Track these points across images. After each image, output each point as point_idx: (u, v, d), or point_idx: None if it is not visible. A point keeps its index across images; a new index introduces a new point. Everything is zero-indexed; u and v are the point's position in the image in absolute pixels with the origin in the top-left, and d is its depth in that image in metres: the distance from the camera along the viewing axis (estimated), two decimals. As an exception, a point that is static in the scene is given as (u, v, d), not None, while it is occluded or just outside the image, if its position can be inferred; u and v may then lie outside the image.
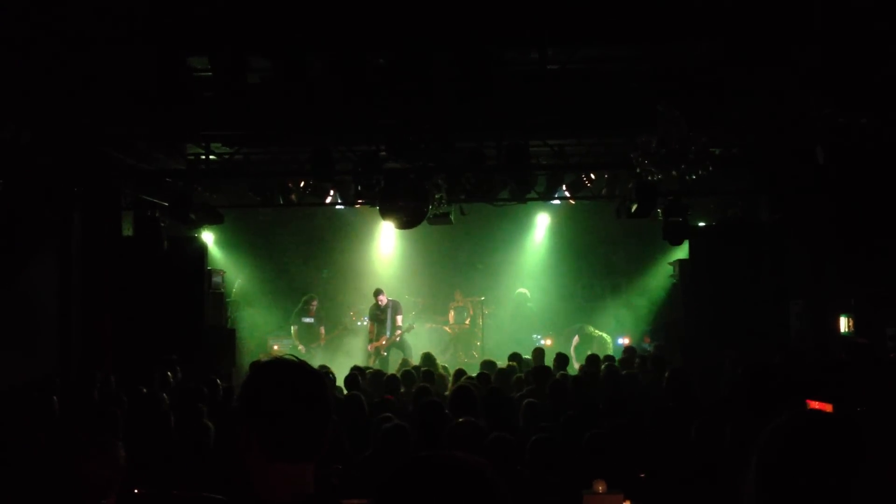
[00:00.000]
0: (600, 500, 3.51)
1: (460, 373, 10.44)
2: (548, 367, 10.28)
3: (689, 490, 3.93)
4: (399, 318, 15.79)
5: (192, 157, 13.16)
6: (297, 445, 2.19)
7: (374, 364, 14.60)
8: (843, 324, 11.31)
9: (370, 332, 15.99)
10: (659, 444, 5.53)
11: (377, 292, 15.90)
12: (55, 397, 7.93)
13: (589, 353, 13.87)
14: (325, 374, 9.66)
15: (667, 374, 8.75)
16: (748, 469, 1.71)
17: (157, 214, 12.82)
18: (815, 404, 2.53)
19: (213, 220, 13.72)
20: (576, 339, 15.94)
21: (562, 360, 11.10)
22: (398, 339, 15.66)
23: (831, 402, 2.53)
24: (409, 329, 15.96)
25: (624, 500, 3.64)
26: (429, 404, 6.20)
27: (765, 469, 1.66)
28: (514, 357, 11.72)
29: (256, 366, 2.48)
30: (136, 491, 3.58)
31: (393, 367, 13.28)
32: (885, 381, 2.74)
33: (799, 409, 1.73)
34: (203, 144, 12.50)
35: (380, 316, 15.78)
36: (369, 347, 15.83)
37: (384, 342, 15.60)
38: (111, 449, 3.24)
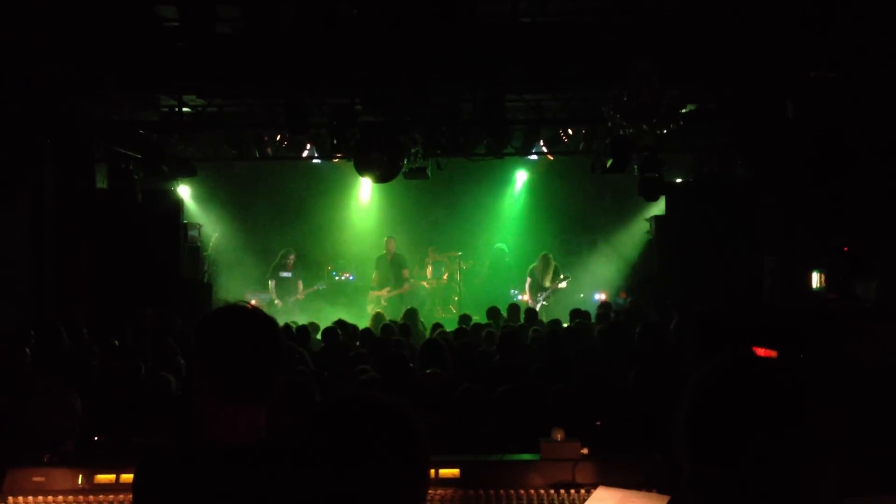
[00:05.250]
0: (558, 447, 3.55)
1: (436, 326, 10.54)
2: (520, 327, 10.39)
3: (643, 439, 4.01)
4: (405, 272, 16.07)
5: (165, 109, 13.00)
6: (244, 389, 2.22)
7: (371, 312, 14.75)
8: (815, 279, 11.37)
9: (374, 279, 16.23)
10: (623, 394, 5.60)
11: (389, 239, 16.28)
12: (27, 349, 7.93)
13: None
14: (337, 325, 9.73)
15: (638, 330, 8.85)
16: (679, 409, 1.72)
17: (130, 167, 12.71)
18: (760, 351, 2.58)
19: (185, 172, 13.61)
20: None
21: (532, 315, 11.22)
22: (403, 293, 15.85)
23: (776, 349, 2.59)
24: (414, 286, 16.26)
25: (581, 448, 3.70)
26: (391, 356, 6.28)
27: (694, 408, 1.68)
28: (492, 312, 11.80)
29: (211, 311, 2.50)
30: (95, 438, 3.62)
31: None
32: (834, 330, 2.79)
33: (740, 352, 1.74)
34: (176, 96, 12.34)
35: (384, 266, 16.03)
36: (371, 294, 16.07)
37: (385, 293, 15.77)
38: (66, 397, 3.27)
